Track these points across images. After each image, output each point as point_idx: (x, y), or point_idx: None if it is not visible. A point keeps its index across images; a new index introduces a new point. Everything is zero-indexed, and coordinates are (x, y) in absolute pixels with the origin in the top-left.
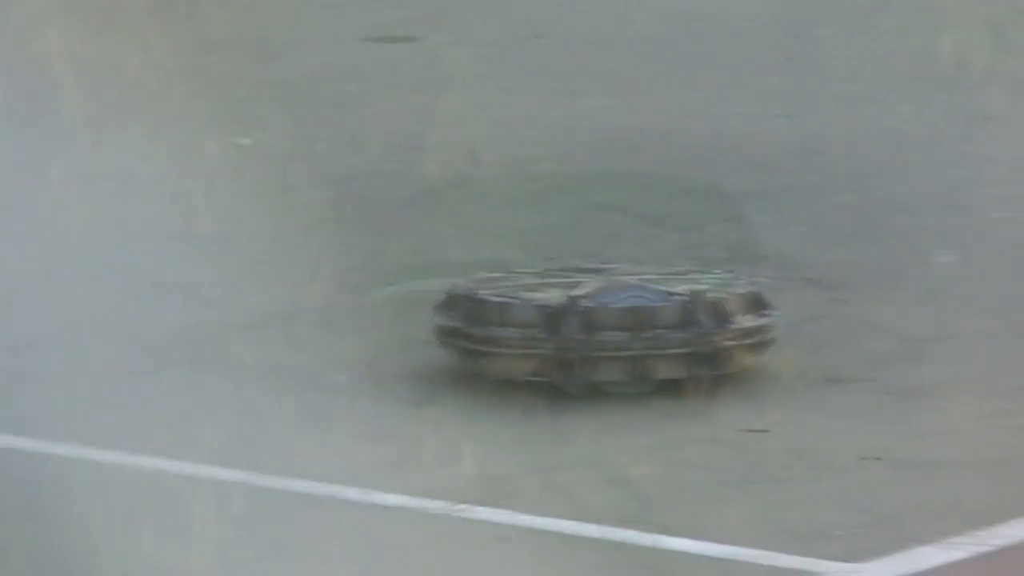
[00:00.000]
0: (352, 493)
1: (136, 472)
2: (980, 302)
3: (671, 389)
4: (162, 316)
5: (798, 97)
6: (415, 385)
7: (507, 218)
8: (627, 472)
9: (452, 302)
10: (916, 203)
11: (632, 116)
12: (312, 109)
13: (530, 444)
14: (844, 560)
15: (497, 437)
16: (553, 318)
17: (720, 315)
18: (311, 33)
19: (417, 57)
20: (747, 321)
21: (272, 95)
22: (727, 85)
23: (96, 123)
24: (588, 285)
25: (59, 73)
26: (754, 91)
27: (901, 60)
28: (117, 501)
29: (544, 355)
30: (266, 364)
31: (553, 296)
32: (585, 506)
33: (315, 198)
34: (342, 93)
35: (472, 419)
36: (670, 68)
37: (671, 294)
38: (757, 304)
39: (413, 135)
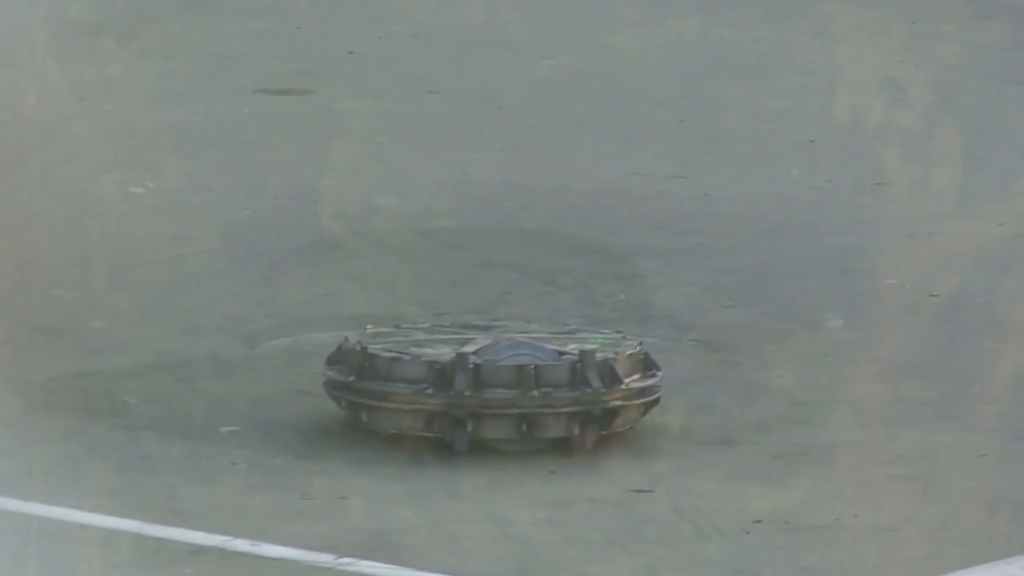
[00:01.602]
0: (240, 544)
1: (23, 518)
2: (868, 367)
3: (560, 447)
4: (51, 362)
5: (691, 158)
6: (306, 436)
7: (401, 271)
8: (515, 528)
9: (342, 355)
10: (806, 266)
11: (525, 173)
12: (208, 158)
13: (419, 498)
14: None
15: (386, 490)
16: (442, 374)
17: (608, 375)
18: (206, 83)
19: (311, 110)
20: (635, 381)
21: (168, 143)
22: (620, 144)
23: None
24: (477, 342)
25: None
26: (647, 151)
27: (796, 122)
28: (5, 547)
29: (432, 410)
30: (156, 413)
31: (442, 352)
32: (473, 561)
33: (209, 247)
34: (237, 143)
35: (361, 472)
36: (563, 126)
37: (560, 353)
38: (645, 364)
39: (308, 186)
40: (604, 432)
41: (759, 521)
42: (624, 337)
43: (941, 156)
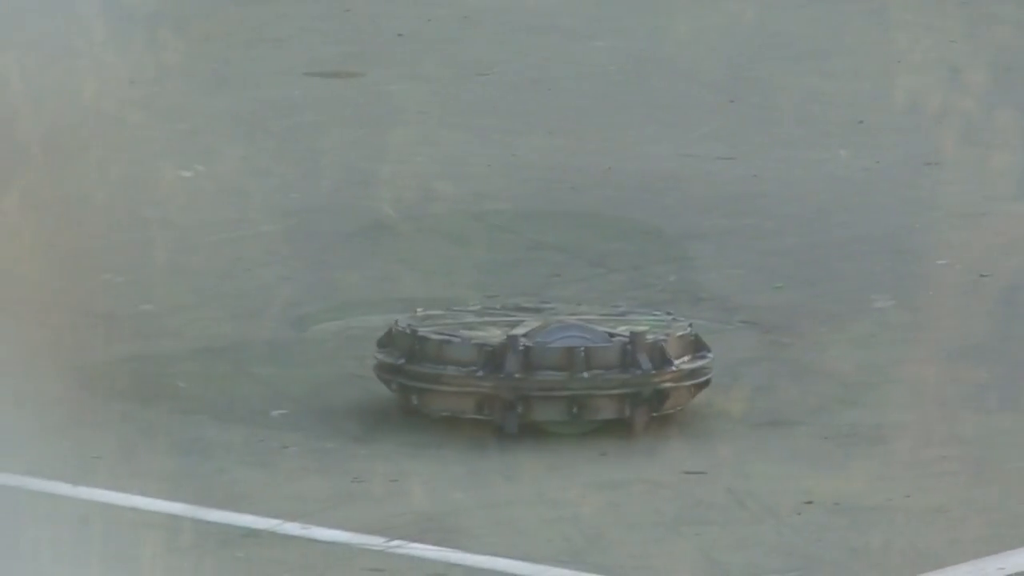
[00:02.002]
0: (291, 527)
1: (80, 503)
2: (921, 348)
3: (612, 429)
4: (106, 347)
5: (741, 139)
6: (358, 420)
7: (452, 255)
8: (569, 511)
9: (392, 339)
10: (857, 247)
11: (575, 155)
12: (261, 142)
13: (472, 480)
14: None
15: (437, 474)
16: (492, 356)
17: (659, 356)
18: (258, 67)
19: (361, 93)
20: (686, 363)
21: (222, 127)
22: (670, 126)
23: (49, 147)
24: (527, 324)
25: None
26: (697, 133)
27: (848, 103)
28: (61, 531)
29: (483, 393)
30: (209, 396)
31: (492, 334)
32: (526, 544)
33: (264, 231)
34: (290, 127)
35: (412, 455)
36: (613, 108)
37: (611, 334)
38: (696, 346)
39: (360, 170)
40: (655, 414)
41: (811, 502)
42: (674, 319)
43: (995, 137)
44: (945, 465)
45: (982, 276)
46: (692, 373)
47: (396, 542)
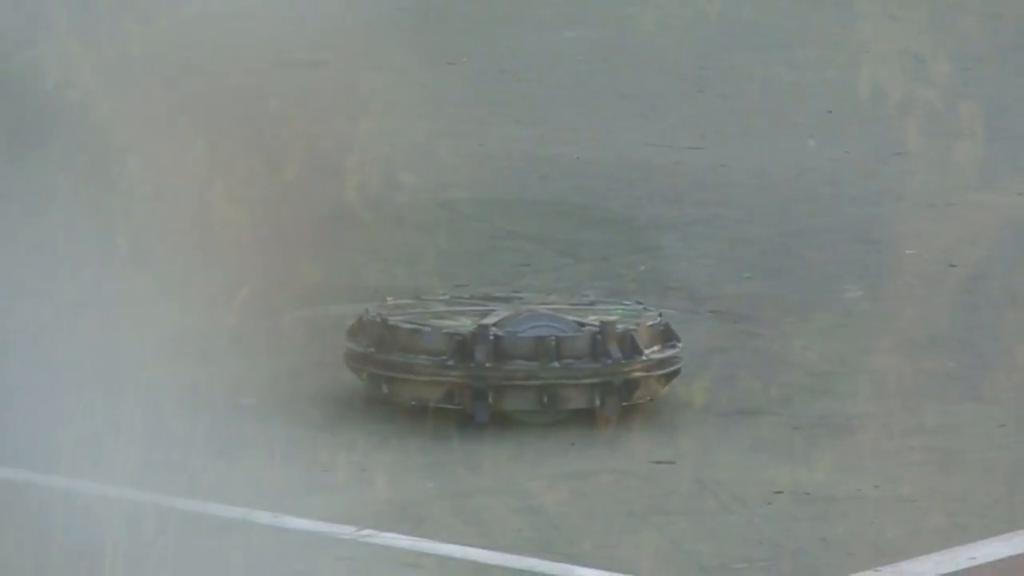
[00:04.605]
0: (262, 516)
1: (48, 492)
2: (887, 337)
3: (580, 418)
4: (77, 336)
5: (709, 129)
6: (326, 409)
7: (421, 244)
8: (537, 501)
9: (362, 328)
10: (825, 237)
11: (544, 145)
12: (227, 131)
13: (440, 470)
14: None
15: (407, 462)
16: (462, 346)
17: (629, 346)
18: (224, 55)
19: (329, 82)
20: (656, 352)
21: (188, 116)
22: (639, 116)
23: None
24: (497, 314)
25: None
26: (665, 122)
27: (815, 93)
28: (28, 521)
29: (453, 382)
30: (179, 385)
31: (463, 324)
32: (495, 534)
33: (231, 219)
34: (257, 115)
35: (382, 444)
36: (582, 98)
37: (581, 324)
38: (665, 335)
39: (328, 159)
40: (625, 404)
41: (780, 492)
42: (644, 308)
43: (961, 127)
44: (913, 455)
45: (951, 266)
46: (662, 363)
47: (366, 531)
